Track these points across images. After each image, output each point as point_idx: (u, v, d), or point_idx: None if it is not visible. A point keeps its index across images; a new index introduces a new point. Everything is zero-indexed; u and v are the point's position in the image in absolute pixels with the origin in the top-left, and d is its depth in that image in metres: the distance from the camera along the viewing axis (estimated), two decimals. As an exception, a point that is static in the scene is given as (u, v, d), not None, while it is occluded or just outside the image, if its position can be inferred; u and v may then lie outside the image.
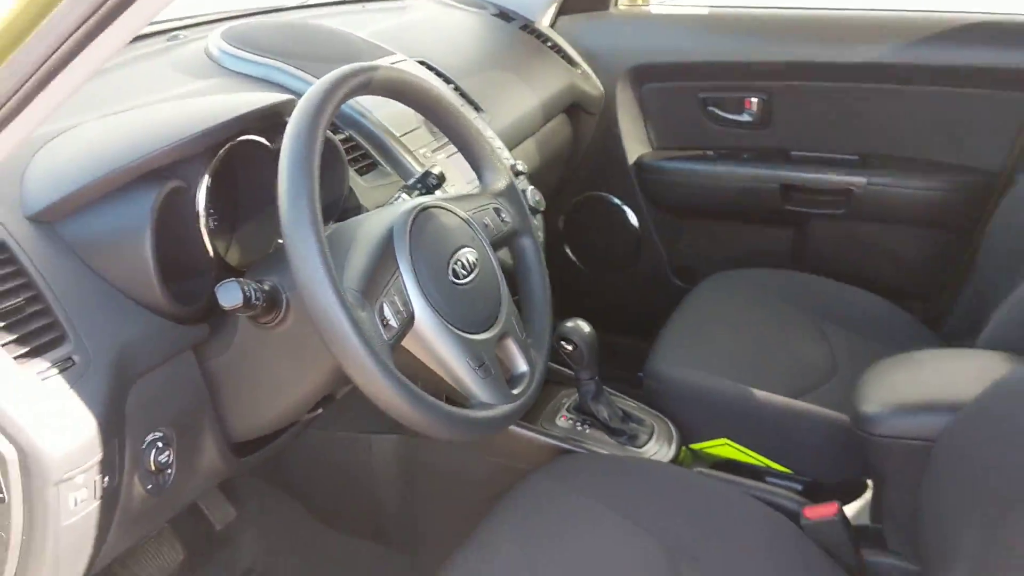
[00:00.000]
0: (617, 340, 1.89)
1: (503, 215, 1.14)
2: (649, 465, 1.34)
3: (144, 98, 1.18)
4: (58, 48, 0.61)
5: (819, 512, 1.21)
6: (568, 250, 2.21)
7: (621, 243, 2.17)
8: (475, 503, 1.25)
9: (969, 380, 1.10)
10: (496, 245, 1.10)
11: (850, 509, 1.30)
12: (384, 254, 0.94)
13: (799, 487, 1.39)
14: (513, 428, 1.41)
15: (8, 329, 0.83)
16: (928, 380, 1.21)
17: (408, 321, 0.93)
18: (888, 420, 1.17)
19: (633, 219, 2.14)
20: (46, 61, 0.61)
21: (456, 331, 0.96)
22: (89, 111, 1.09)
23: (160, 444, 0.96)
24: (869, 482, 1.36)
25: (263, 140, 1.05)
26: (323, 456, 1.53)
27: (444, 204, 1.04)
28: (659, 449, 1.43)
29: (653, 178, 2.08)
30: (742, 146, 2.04)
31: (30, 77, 0.61)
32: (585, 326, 1.39)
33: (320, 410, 1.13)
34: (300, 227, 0.84)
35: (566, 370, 1.52)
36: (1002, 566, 0.92)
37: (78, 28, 0.60)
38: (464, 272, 1.00)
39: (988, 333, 1.30)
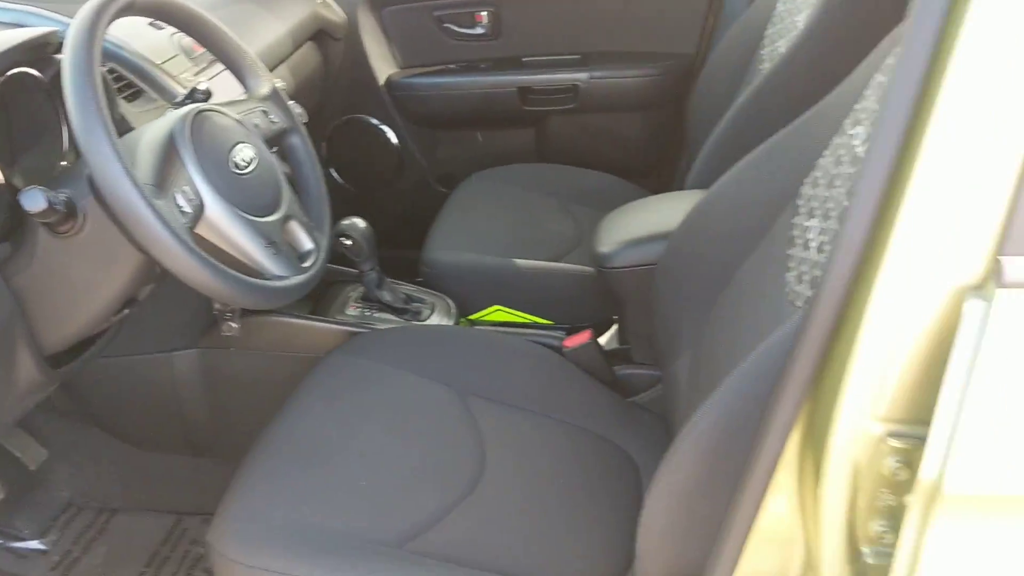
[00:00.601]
0: (392, 252, 2.05)
1: (271, 116, 1.26)
2: (433, 329, 1.54)
3: None
4: None
5: (576, 340, 1.45)
6: (334, 173, 2.33)
7: (384, 160, 2.31)
8: (280, 400, 1.38)
9: (676, 213, 1.35)
10: (269, 143, 1.23)
11: (602, 340, 1.55)
12: (168, 152, 1.04)
13: (561, 333, 1.63)
14: (307, 321, 1.55)
15: None
16: (646, 219, 1.46)
17: (200, 207, 1.05)
18: (621, 254, 1.41)
19: (392, 137, 2.29)
20: None
21: (244, 215, 1.09)
22: None
23: None
24: (615, 318, 1.62)
25: (35, 72, 1.12)
26: (125, 382, 1.60)
27: (216, 108, 1.15)
28: (440, 322, 1.62)
29: (404, 95, 2.23)
30: (480, 57, 2.23)
31: None
32: (360, 222, 1.55)
33: (126, 311, 1.22)
34: (94, 131, 0.94)
35: (349, 269, 1.67)
36: (708, 345, 1.18)
37: None
38: (244, 164, 1.13)
39: (690, 179, 1.58)
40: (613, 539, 1.15)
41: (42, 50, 1.15)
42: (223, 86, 1.47)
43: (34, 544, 1.60)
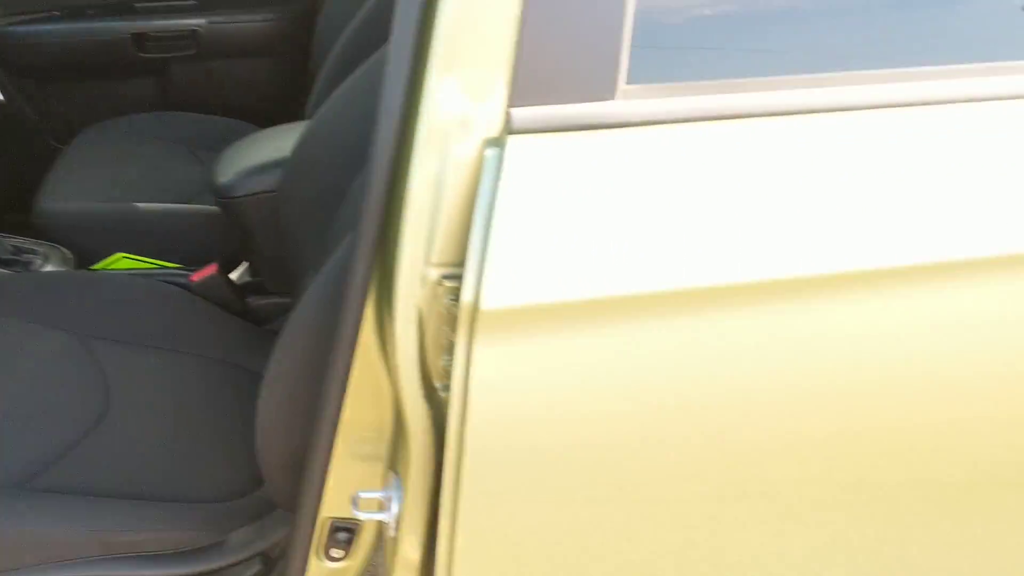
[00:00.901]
0: (7, 216, 1.90)
1: None
2: (47, 275, 1.46)
3: None
4: None
5: (201, 274, 1.45)
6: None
7: (-12, 117, 2.12)
8: None
9: (291, 141, 1.40)
10: None
11: (234, 275, 1.56)
12: None
13: (190, 272, 1.61)
14: None
15: None
16: (265, 148, 1.49)
17: None
18: (241, 183, 1.43)
19: (-3, 92, 2.10)
20: None
21: None
22: None
23: None
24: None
25: None
26: None
27: None
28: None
29: (5, 46, 2.05)
30: (87, 3, 2.10)
31: None
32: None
33: None
34: None
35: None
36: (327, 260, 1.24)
37: None
38: None
39: (306, 112, 1.63)
40: (249, 452, 1.18)
41: None
42: None
43: None
